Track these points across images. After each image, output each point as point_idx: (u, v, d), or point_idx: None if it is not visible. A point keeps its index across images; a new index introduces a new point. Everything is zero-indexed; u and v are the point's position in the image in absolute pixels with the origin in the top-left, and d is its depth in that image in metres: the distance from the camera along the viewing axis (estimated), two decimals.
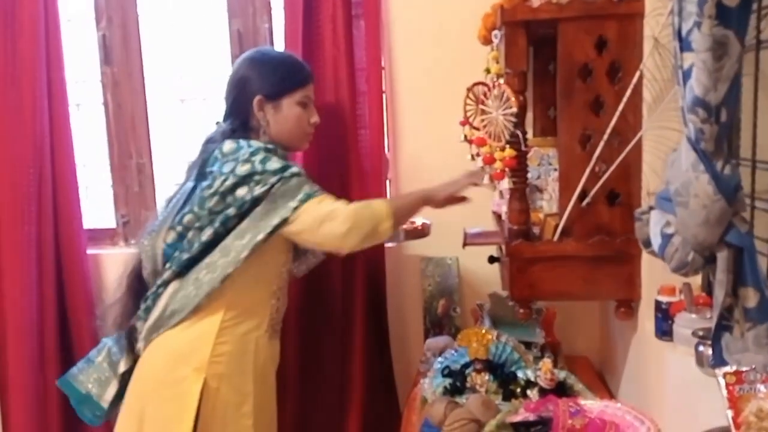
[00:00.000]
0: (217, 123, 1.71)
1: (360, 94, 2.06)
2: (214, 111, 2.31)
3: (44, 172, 2.15)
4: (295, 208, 1.52)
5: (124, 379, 1.66)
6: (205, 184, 1.58)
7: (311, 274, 1.94)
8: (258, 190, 1.53)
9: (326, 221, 1.52)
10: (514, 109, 1.47)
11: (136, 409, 1.60)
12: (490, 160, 1.65)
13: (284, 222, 1.52)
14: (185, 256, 1.58)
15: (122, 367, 1.66)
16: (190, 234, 1.59)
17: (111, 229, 2.35)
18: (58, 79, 2.15)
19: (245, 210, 1.54)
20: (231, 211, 1.54)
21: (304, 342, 2.09)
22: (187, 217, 1.59)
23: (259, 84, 1.65)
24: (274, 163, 1.55)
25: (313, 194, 1.54)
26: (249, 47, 2.20)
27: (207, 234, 1.56)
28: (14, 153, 2.14)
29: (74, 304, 2.21)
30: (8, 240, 2.16)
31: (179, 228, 1.60)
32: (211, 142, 1.65)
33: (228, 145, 1.58)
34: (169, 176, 2.35)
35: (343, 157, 2.04)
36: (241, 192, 1.54)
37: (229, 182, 1.53)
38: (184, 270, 1.59)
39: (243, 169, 1.53)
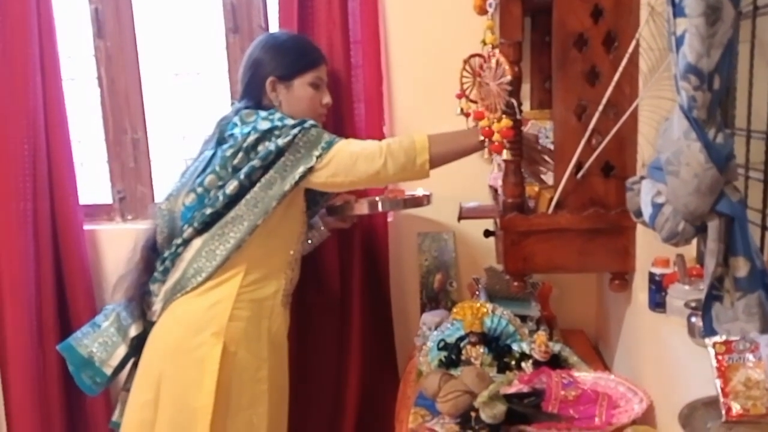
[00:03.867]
0: (232, 103, 1.77)
1: (355, 67, 2.04)
2: (208, 85, 2.29)
3: (39, 147, 2.15)
4: (319, 156, 1.58)
5: (134, 344, 1.67)
6: (225, 146, 1.62)
7: (310, 251, 1.94)
8: (281, 141, 1.58)
9: (360, 158, 1.58)
10: (509, 77, 1.45)
11: (153, 376, 1.62)
12: (489, 134, 1.63)
13: (310, 170, 1.59)
14: (208, 211, 1.61)
15: (133, 332, 1.68)
16: (211, 194, 1.62)
17: (107, 205, 2.35)
18: (50, 54, 2.13)
19: (270, 161, 1.59)
20: (256, 162, 1.58)
21: (302, 316, 2.10)
22: (209, 178, 1.63)
23: (271, 65, 1.70)
24: (292, 120, 1.62)
25: (335, 140, 1.61)
26: (242, 20, 2.18)
27: (231, 187, 1.59)
28: (8, 129, 2.13)
29: (71, 280, 2.21)
30: (4, 216, 2.16)
31: (200, 189, 1.63)
32: (224, 121, 1.69)
33: (246, 113, 1.64)
34: (165, 151, 2.35)
35: (338, 131, 2.01)
36: (264, 146, 1.58)
37: (251, 138, 1.58)
38: (206, 226, 1.62)
39: (264, 125, 1.59)
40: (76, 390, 1.79)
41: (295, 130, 1.58)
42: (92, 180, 2.35)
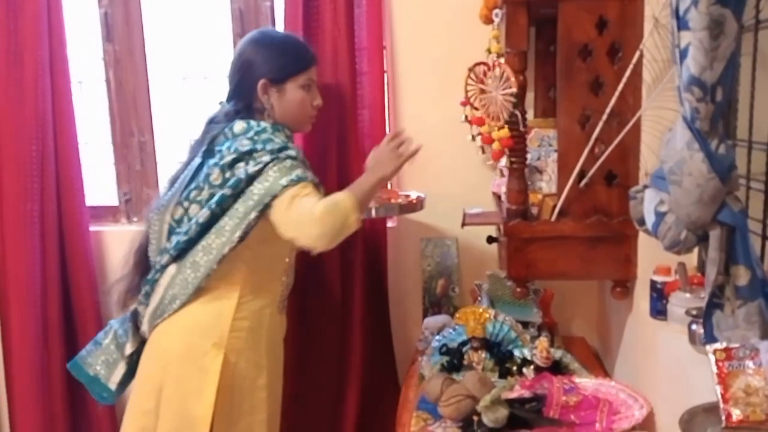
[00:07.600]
0: (220, 103, 1.73)
1: (360, 74, 2.05)
2: (215, 89, 2.31)
3: (47, 149, 2.16)
4: (285, 187, 1.50)
5: (132, 361, 1.69)
6: (212, 161, 1.60)
7: (310, 255, 1.95)
8: (251, 168, 1.54)
9: (300, 222, 1.50)
10: (514, 89, 1.47)
11: (154, 384, 1.62)
12: (488, 140, 1.66)
13: (274, 198, 1.51)
14: (183, 239, 1.60)
15: (128, 349, 1.69)
16: (191, 211, 1.61)
17: (113, 207, 2.36)
18: (60, 56, 2.15)
19: (240, 190, 1.55)
20: (227, 191, 1.55)
21: (303, 321, 2.11)
22: (194, 192, 1.61)
23: (263, 68, 1.66)
24: (275, 144, 1.57)
25: (303, 179, 1.52)
26: (250, 25, 2.20)
27: (203, 215, 1.57)
28: (17, 130, 2.14)
29: (77, 281, 2.23)
30: (11, 217, 2.17)
31: (186, 203, 1.62)
32: (214, 122, 1.68)
33: (239, 125, 1.61)
34: (171, 154, 2.36)
35: (342, 137, 2.04)
36: (239, 168, 1.55)
37: (229, 158, 1.56)
38: (181, 253, 1.61)
39: (244, 146, 1.56)
40: (80, 389, 1.79)
41: (267, 158, 1.53)
42: (99, 182, 2.37)
